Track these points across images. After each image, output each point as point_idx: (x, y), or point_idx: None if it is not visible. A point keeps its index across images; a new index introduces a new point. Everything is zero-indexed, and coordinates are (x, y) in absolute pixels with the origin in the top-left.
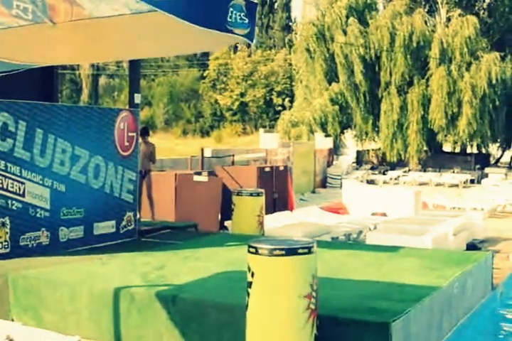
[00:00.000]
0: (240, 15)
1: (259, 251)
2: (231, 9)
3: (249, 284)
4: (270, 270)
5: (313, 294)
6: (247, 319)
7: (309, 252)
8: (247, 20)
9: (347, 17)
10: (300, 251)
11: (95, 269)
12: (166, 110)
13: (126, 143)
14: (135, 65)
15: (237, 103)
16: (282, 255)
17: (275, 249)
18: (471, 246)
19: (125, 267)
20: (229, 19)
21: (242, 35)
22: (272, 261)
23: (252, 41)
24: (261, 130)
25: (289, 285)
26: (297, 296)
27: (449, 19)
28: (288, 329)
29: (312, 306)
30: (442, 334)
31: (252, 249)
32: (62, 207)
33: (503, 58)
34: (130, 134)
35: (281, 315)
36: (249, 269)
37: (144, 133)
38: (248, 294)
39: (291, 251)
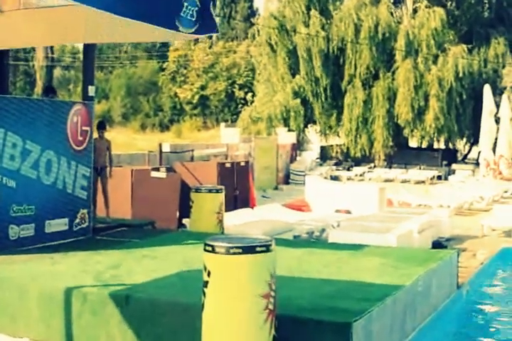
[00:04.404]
0: (191, 11)
1: (216, 249)
2: (185, 4)
3: (205, 283)
4: (227, 269)
5: (272, 294)
6: (202, 319)
7: (267, 250)
8: (195, 18)
9: (308, 9)
10: (258, 249)
11: (46, 268)
12: (123, 103)
13: (80, 138)
14: (89, 55)
15: (197, 96)
16: (239, 253)
17: (232, 247)
18: (437, 244)
19: (78, 266)
20: (182, 14)
21: (189, 33)
22: (229, 260)
23: (202, 34)
24: (222, 124)
25: (247, 284)
26: (255, 296)
27: (415, 11)
28: (245, 330)
29: (270, 306)
30: (406, 335)
31: (208, 247)
32: (12, 203)
33: (470, 51)
34: (84, 128)
35: (238, 315)
36: (205, 268)
37: (101, 127)
38: (204, 294)
39: (248, 249)
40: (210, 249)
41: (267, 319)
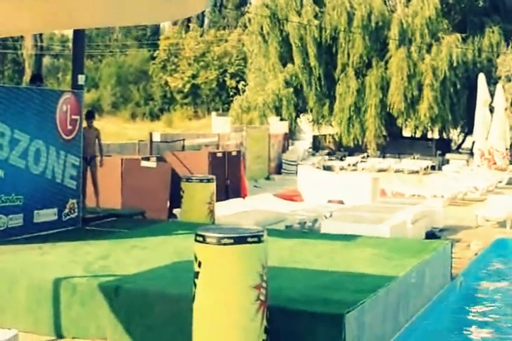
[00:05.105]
0: None
1: (207, 239)
2: None
3: (196, 274)
4: (218, 259)
5: (263, 285)
6: (193, 311)
7: (259, 241)
8: None
9: None
10: (249, 239)
11: (35, 259)
12: (113, 92)
13: (69, 127)
14: (79, 43)
15: (188, 85)
16: (231, 244)
17: (223, 238)
18: (431, 235)
19: (67, 257)
20: None
21: None
22: (220, 250)
23: None
24: (213, 114)
25: (238, 275)
26: (246, 287)
27: None
28: (237, 322)
29: (262, 297)
30: (399, 326)
31: (199, 238)
32: (1, 193)
33: (464, 40)
34: (73, 117)
35: (230, 306)
36: (196, 259)
37: (89, 117)
38: (195, 285)
39: (240, 240)
40: (201, 239)
41: (258, 310)
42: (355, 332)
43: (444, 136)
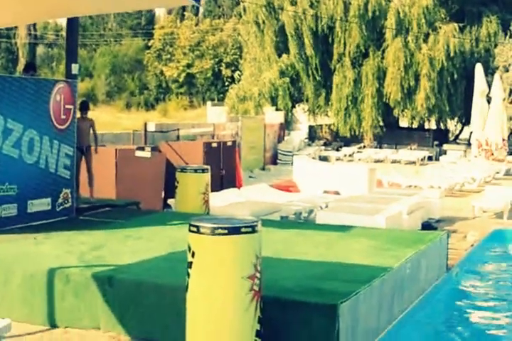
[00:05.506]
0: None
1: (201, 229)
2: None
3: (190, 264)
4: (212, 249)
5: (257, 275)
6: (187, 301)
7: (253, 231)
8: None
9: None
10: (243, 229)
11: (29, 249)
12: (108, 82)
13: (63, 116)
14: (73, 32)
15: (183, 74)
16: (225, 234)
17: (217, 228)
18: (427, 226)
19: (61, 247)
20: None
21: None
22: (214, 241)
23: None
24: (208, 103)
25: (231, 265)
26: (240, 277)
27: None
28: (230, 312)
29: (256, 287)
30: (393, 316)
31: (193, 228)
32: None
33: (461, 30)
34: (67, 107)
35: (223, 296)
36: (189, 249)
37: (84, 108)
38: (188, 275)
39: (233, 230)
40: (194, 229)
41: (252, 300)
42: (349, 322)
43: (442, 126)
